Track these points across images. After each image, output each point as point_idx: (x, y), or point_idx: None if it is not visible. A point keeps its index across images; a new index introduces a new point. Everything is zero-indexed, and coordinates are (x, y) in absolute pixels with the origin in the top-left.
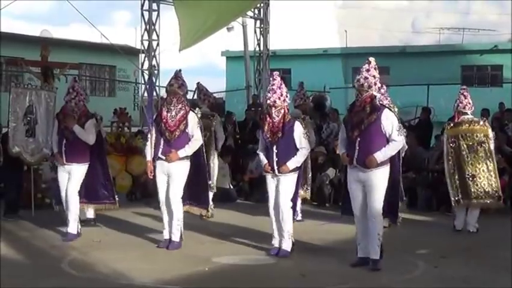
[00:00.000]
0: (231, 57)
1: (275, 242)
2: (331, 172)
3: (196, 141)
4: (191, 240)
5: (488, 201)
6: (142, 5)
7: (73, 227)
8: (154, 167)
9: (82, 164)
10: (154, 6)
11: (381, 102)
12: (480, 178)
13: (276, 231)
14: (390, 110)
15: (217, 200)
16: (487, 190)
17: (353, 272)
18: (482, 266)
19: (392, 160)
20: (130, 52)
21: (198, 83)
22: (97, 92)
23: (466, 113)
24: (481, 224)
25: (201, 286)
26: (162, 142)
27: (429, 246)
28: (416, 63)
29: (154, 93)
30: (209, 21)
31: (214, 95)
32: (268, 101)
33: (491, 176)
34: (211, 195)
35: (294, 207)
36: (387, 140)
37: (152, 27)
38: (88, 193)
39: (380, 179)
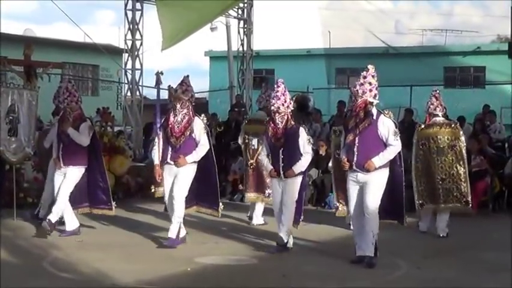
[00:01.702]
0: (215, 57)
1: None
2: (313, 173)
3: (203, 146)
4: None
5: (457, 205)
6: (126, 5)
7: (70, 224)
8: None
9: (78, 167)
10: (138, 5)
11: (377, 109)
12: (449, 182)
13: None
14: (385, 115)
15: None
16: (455, 194)
17: (334, 273)
18: (464, 267)
19: (394, 162)
20: (113, 51)
21: (169, 86)
22: (80, 91)
23: (437, 115)
24: (462, 226)
25: (183, 286)
26: (170, 147)
27: (412, 247)
28: (400, 64)
29: (137, 93)
30: (191, 21)
31: (198, 95)
32: (273, 107)
33: (461, 180)
34: None
35: (299, 209)
36: (385, 145)
37: (136, 26)
38: (90, 198)
39: (377, 180)
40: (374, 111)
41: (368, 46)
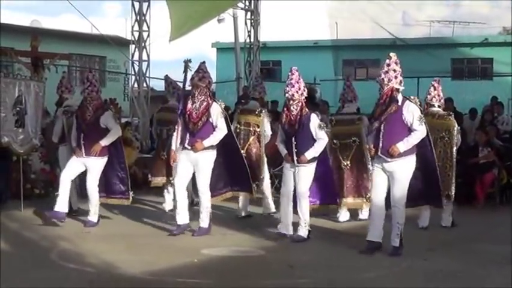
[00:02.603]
0: (222, 49)
1: (281, 227)
2: None
3: (221, 130)
4: None
5: None
6: None
7: (94, 216)
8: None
9: (100, 158)
10: None
11: (403, 95)
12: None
13: (285, 218)
14: (411, 101)
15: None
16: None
17: (341, 264)
18: (470, 259)
19: (424, 147)
20: (120, 43)
21: (166, 76)
22: None
23: (433, 105)
24: (468, 218)
25: (189, 277)
26: (188, 133)
27: (417, 239)
28: (407, 56)
29: (144, 85)
30: (199, 13)
31: None
32: (287, 95)
33: (444, 172)
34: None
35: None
36: (410, 130)
37: (143, 18)
38: (107, 188)
39: (404, 169)
40: (400, 97)
41: (375, 38)
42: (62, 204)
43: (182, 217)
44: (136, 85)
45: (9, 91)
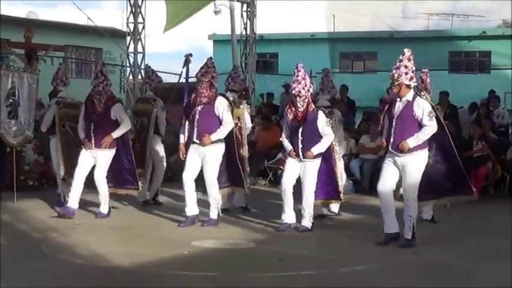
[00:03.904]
0: (218, 41)
1: (285, 218)
2: None
3: (228, 124)
4: (172, 223)
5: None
6: None
7: (104, 207)
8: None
9: (109, 150)
10: None
11: (415, 91)
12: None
13: (286, 207)
14: (421, 97)
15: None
16: None
17: (331, 257)
18: (463, 253)
19: (442, 137)
20: (116, 35)
21: (147, 66)
22: (83, 74)
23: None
24: (462, 212)
25: (178, 269)
26: (195, 127)
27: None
28: (404, 48)
29: (139, 77)
30: (191, 3)
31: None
32: (294, 91)
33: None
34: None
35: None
36: (420, 126)
37: (138, 9)
38: (115, 178)
39: (415, 163)
40: (411, 93)
41: (373, 30)
42: (74, 201)
43: (191, 209)
44: (131, 77)
45: (2, 83)
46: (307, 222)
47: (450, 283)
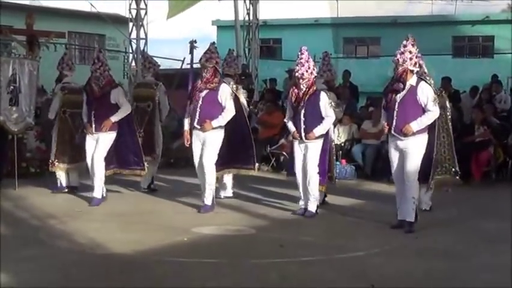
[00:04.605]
0: (222, 27)
1: (302, 203)
2: None
3: (229, 111)
4: (171, 210)
5: (446, 176)
6: None
7: (98, 192)
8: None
9: (110, 132)
10: None
11: (418, 76)
12: (436, 153)
13: (303, 194)
14: (426, 82)
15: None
16: (443, 165)
17: (331, 244)
18: (464, 237)
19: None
20: (119, 21)
21: (143, 51)
22: (86, 61)
23: None
24: (464, 196)
25: (177, 256)
26: (197, 112)
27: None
28: (408, 34)
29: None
30: None
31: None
32: (297, 74)
33: (446, 150)
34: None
35: (322, 173)
36: (423, 110)
37: None
38: (119, 160)
39: (416, 146)
40: (414, 78)
41: (376, 15)
42: (97, 191)
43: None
44: (133, 63)
45: (3, 70)
46: (312, 205)
47: (451, 267)
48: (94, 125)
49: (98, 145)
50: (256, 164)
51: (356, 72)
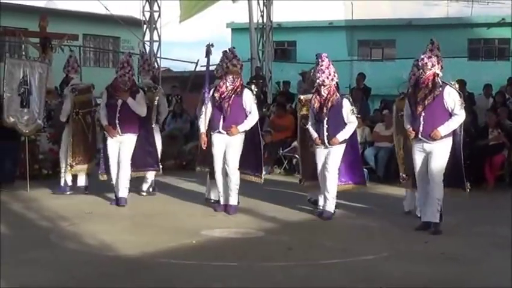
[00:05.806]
0: (236, 29)
1: (321, 204)
2: None
3: (253, 116)
4: (181, 212)
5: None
6: None
7: (125, 191)
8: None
9: (134, 134)
10: None
11: (442, 80)
12: None
13: (323, 195)
14: (451, 86)
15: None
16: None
17: (339, 247)
18: (475, 242)
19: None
20: (134, 23)
21: (142, 52)
22: (100, 63)
23: None
24: (477, 200)
25: (185, 259)
26: (221, 117)
27: (418, 221)
28: (423, 36)
29: (155, 65)
30: None
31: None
32: (318, 81)
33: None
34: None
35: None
36: (450, 114)
37: None
38: (135, 161)
39: (443, 149)
40: (440, 82)
41: (391, 18)
42: (123, 191)
43: (224, 197)
44: None
45: (15, 72)
46: (330, 205)
47: (460, 272)
48: (118, 128)
49: (125, 147)
50: (263, 173)
51: (370, 75)
